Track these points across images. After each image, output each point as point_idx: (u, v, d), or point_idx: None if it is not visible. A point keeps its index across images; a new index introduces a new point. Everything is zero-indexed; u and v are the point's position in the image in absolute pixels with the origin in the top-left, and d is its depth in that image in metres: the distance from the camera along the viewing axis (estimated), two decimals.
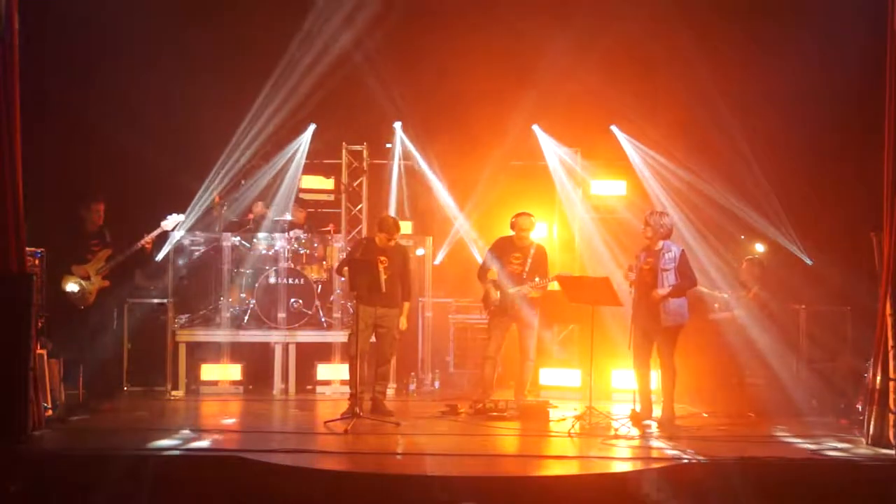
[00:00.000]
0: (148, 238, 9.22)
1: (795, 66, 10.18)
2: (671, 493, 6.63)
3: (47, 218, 9.17)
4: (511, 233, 9.23)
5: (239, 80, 10.55)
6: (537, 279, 9.00)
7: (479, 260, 9.90)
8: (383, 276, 8.41)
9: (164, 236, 9.63)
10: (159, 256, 9.87)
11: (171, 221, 9.41)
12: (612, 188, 11.14)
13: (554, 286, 9.18)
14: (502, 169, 11.32)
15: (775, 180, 10.52)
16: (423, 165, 11.29)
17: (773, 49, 10.29)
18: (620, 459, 7.24)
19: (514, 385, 9.29)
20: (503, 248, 9.20)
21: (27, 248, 7.76)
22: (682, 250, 8.58)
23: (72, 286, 8.94)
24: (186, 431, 7.84)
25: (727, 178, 10.62)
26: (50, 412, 7.90)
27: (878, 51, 7.82)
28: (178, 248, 10.36)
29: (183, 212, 9.71)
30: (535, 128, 11.22)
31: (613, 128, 11.13)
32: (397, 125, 11.19)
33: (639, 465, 7.02)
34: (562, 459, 7.38)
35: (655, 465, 7.04)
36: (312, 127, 11.11)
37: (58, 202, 9.71)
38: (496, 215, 10.54)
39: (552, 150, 11.18)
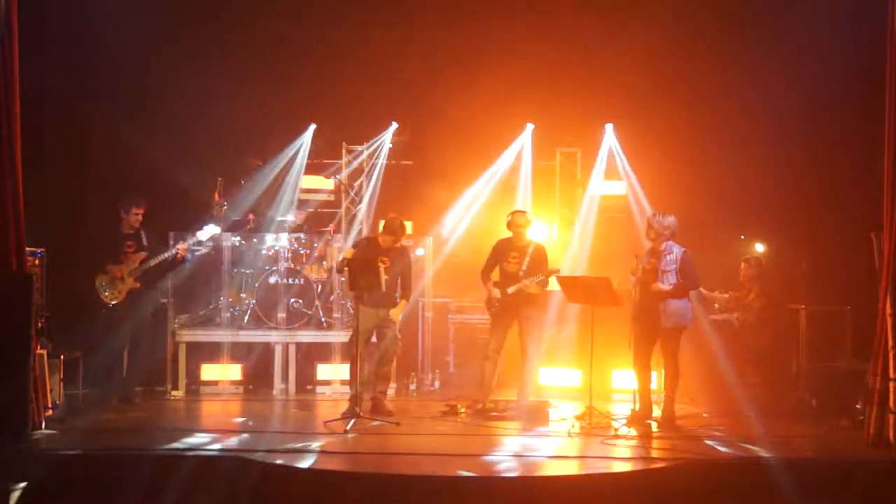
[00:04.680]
0: (182, 246, 9.23)
1: (795, 65, 10.19)
2: (671, 493, 6.64)
3: (49, 218, 9.18)
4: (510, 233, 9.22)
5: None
6: (539, 277, 8.96)
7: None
8: (384, 277, 8.39)
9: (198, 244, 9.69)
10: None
11: (206, 232, 9.42)
12: (612, 188, 11.14)
13: (553, 285, 9.15)
14: (500, 168, 11.33)
15: (775, 180, 10.52)
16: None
17: (773, 49, 10.29)
18: (620, 459, 7.23)
19: (517, 387, 9.28)
20: (503, 249, 9.17)
21: (27, 248, 7.76)
22: (685, 251, 8.51)
23: (103, 283, 8.95)
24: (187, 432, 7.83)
25: (727, 178, 10.61)
26: (50, 412, 7.90)
27: (879, 50, 7.82)
28: None
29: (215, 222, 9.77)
30: (531, 126, 11.23)
31: (609, 126, 11.13)
32: (394, 124, 11.19)
33: (639, 465, 7.02)
34: (562, 459, 7.37)
35: (655, 465, 7.05)
36: (313, 127, 11.11)
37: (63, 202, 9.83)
38: (497, 215, 10.52)
39: (551, 150, 11.19)
